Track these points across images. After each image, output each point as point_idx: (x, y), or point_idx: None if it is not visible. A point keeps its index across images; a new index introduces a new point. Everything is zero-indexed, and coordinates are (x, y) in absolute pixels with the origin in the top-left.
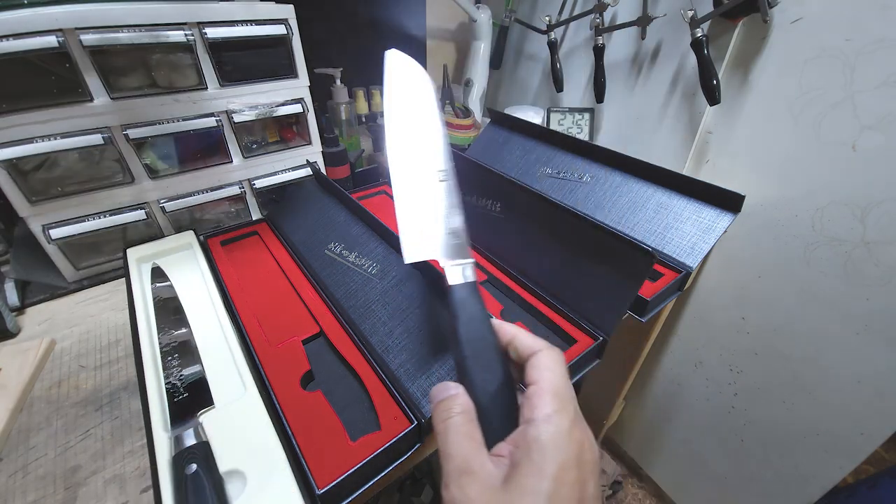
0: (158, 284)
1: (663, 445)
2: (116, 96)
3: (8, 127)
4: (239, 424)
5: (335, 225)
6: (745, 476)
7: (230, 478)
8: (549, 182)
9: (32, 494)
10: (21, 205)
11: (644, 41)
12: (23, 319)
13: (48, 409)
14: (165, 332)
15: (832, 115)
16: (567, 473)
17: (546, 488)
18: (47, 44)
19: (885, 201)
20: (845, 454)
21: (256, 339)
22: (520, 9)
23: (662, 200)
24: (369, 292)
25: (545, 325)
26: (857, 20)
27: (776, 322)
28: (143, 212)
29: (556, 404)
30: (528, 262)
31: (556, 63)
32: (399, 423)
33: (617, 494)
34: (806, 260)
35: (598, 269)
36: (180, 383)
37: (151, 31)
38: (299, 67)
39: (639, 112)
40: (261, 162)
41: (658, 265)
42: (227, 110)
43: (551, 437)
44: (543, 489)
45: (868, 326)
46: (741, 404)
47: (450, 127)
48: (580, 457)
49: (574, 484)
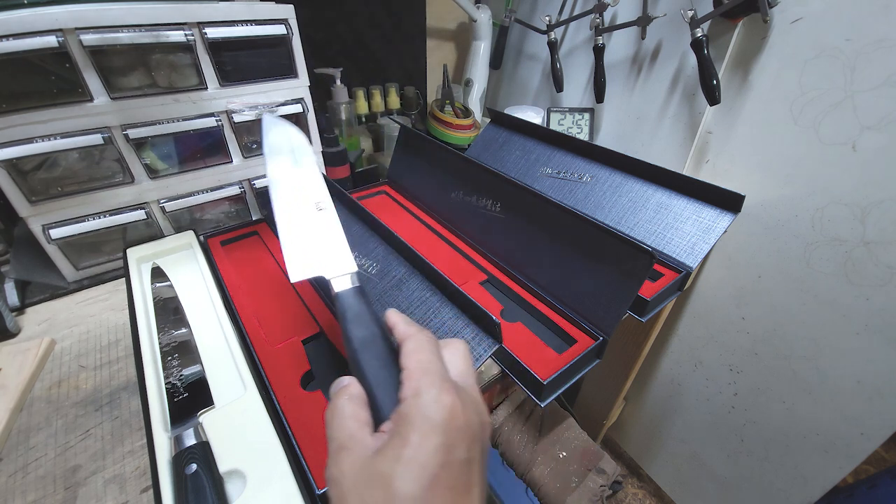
0: (158, 284)
1: (663, 445)
2: (116, 96)
3: (8, 127)
4: (239, 424)
5: None
6: (745, 476)
7: (230, 478)
8: (549, 182)
9: (32, 494)
10: (21, 205)
11: (644, 41)
12: (23, 319)
13: (48, 409)
14: (165, 332)
15: (832, 115)
16: (428, 440)
17: (407, 454)
18: (47, 44)
19: (885, 201)
20: (845, 454)
21: (256, 338)
22: (520, 9)
23: (662, 200)
24: (369, 292)
25: (545, 325)
26: (857, 20)
27: (776, 322)
28: (143, 212)
29: (422, 381)
30: (528, 262)
31: (556, 63)
32: None
33: (617, 494)
34: (806, 260)
35: (598, 269)
36: (180, 383)
37: (151, 31)
38: (299, 67)
39: (639, 112)
40: (261, 162)
41: (658, 265)
42: (227, 110)
43: (416, 409)
44: (404, 455)
45: (868, 326)
46: (741, 404)
47: (450, 127)
48: (448, 424)
49: (438, 448)
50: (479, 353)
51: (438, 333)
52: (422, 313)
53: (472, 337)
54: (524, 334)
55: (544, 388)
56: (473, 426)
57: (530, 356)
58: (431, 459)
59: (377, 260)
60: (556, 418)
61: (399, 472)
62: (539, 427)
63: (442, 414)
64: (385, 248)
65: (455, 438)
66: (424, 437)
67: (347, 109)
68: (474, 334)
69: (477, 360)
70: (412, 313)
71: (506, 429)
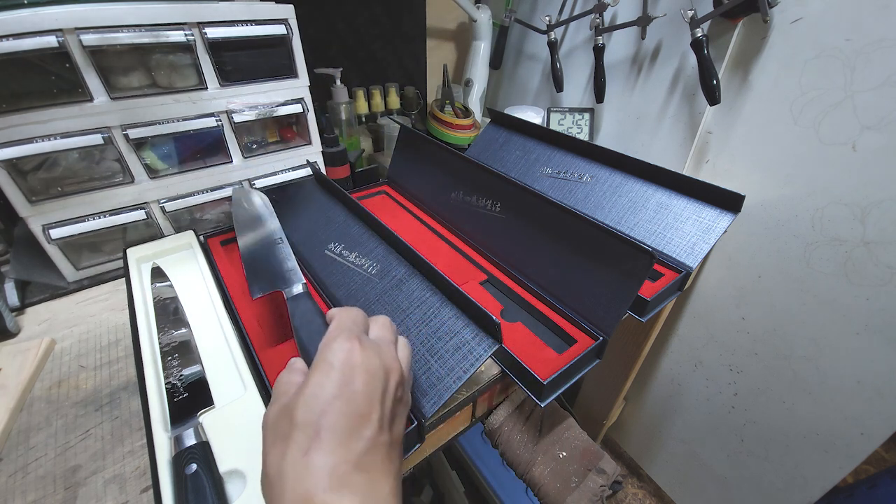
0: (158, 284)
1: (663, 445)
2: (116, 96)
3: (8, 127)
4: (239, 424)
5: (335, 225)
6: (745, 476)
7: (230, 478)
8: (549, 182)
9: (32, 494)
10: (21, 205)
11: (644, 41)
12: (23, 319)
13: (48, 409)
14: (165, 332)
15: (832, 115)
16: (326, 376)
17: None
18: (47, 44)
19: (885, 201)
20: (845, 454)
21: (256, 338)
22: (520, 9)
23: (662, 200)
24: (369, 292)
25: (545, 324)
26: (857, 20)
27: (776, 322)
28: (143, 212)
29: (330, 335)
30: (528, 262)
31: (556, 63)
32: None
33: (617, 494)
34: (806, 260)
35: (598, 269)
36: (180, 383)
37: (151, 31)
38: (299, 67)
39: (639, 112)
40: (261, 162)
41: (658, 265)
42: (227, 110)
43: (320, 355)
44: (305, 390)
45: (868, 326)
46: (741, 404)
47: (450, 127)
48: (345, 363)
49: (334, 382)
50: (479, 353)
51: (438, 333)
52: (422, 313)
53: (472, 337)
54: (524, 334)
55: (544, 388)
56: (372, 366)
57: (530, 356)
58: (324, 391)
59: (377, 260)
60: (556, 418)
61: (299, 404)
62: (539, 427)
63: (339, 356)
64: (385, 248)
65: (351, 374)
66: (323, 374)
67: (347, 109)
68: (474, 334)
69: (477, 361)
70: (412, 313)
71: (506, 429)
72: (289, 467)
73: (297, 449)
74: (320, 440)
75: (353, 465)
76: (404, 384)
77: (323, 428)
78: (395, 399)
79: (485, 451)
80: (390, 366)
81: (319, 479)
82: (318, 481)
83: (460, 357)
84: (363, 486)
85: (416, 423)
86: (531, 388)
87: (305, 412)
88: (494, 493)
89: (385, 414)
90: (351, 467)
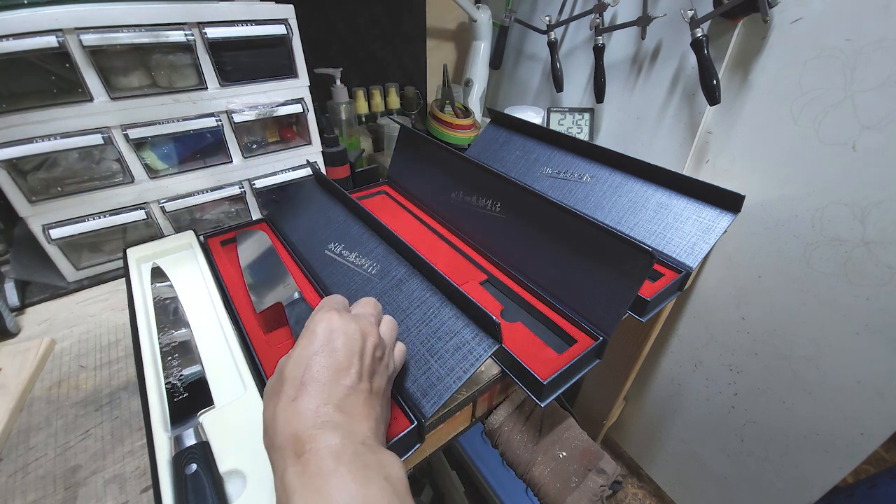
0: (158, 284)
1: (663, 445)
2: (116, 96)
3: (8, 127)
4: (239, 424)
5: (335, 225)
6: (745, 476)
7: (230, 478)
8: (549, 182)
9: (32, 494)
10: (21, 205)
11: (644, 41)
12: (23, 319)
13: (48, 409)
14: (165, 332)
15: (832, 115)
16: (309, 341)
17: (293, 353)
18: (47, 44)
19: (885, 201)
20: (845, 454)
21: (256, 338)
22: (520, 9)
23: (662, 200)
24: (369, 292)
25: (545, 324)
26: (857, 20)
27: (776, 322)
28: (143, 212)
29: (315, 311)
30: (528, 262)
31: (556, 63)
32: (399, 423)
33: (617, 494)
34: (806, 260)
35: (598, 269)
36: (180, 383)
37: (151, 31)
38: (299, 67)
39: (639, 112)
40: (261, 162)
41: (658, 265)
42: (227, 110)
43: (306, 326)
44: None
45: (868, 326)
46: (741, 404)
47: (450, 127)
48: (326, 328)
49: (317, 345)
50: (479, 354)
51: (438, 333)
52: (422, 313)
53: (472, 337)
54: (524, 334)
55: (544, 388)
56: (349, 328)
57: (530, 356)
58: (307, 351)
59: (377, 260)
60: (556, 418)
61: (288, 364)
62: (539, 427)
63: (321, 325)
64: (385, 248)
65: (330, 335)
66: (306, 339)
67: (347, 109)
68: (474, 334)
69: (477, 361)
70: (412, 313)
71: (506, 429)
72: (280, 413)
73: (286, 398)
74: (305, 388)
75: (335, 407)
76: (384, 348)
77: (308, 379)
78: (373, 357)
79: (485, 451)
80: (367, 330)
81: (306, 418)
82: (304, 420)
83: (460, 357)
84: (343, 423)
85: (416, 423)
86: (531, 388)
87: (293, 368)
88: (494, 493)
89: (364, 368)
90: (332, 409)
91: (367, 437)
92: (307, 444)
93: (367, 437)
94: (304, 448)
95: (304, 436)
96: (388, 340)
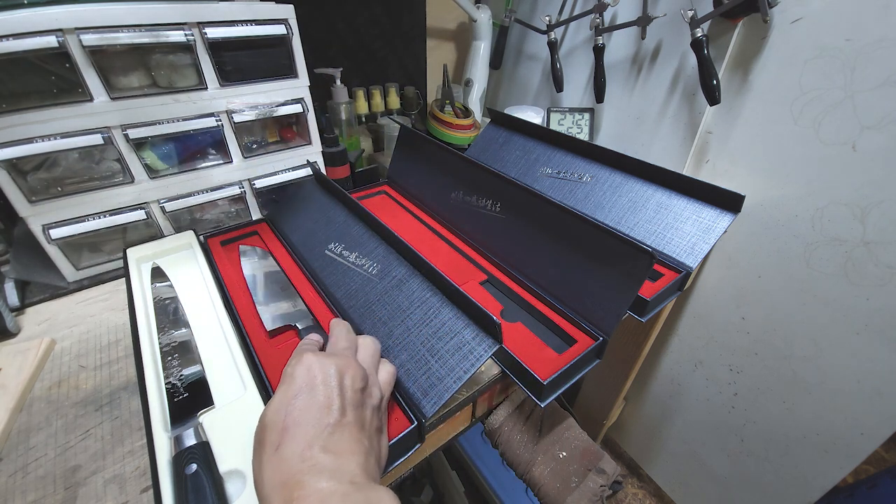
0: (158, 284)
1: (663, 445)
2: (116, 96)
3: (8, 127)
4: (239, 424)
5: (335, 225)
6: (745, 476)
7: (230, 478)
8: (549, 182)
9: (32, 494)
10: (21, 205)
11: (644, 41)
12: (23, 319)
13: (48, 409)
14: (165, 332)
15: (832, 115)
16: (288, 385)
17: (273, 398)
18: (47, 44)
19: (885, 201)
20: (845, 454)
21: (256, 338)
22: (520, 9)
23: (662, 200)
24: (369, 292)
25: (545, 325)
26: (857, 20)
27: (776, 322)
28: (143, 212)
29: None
30: (528, 262)
31: (556, 63)
32: (399, 423)
33: (617, 494)
34: (806, 260)
35: (598, 269)
36: (180, 383)
37: (151, 31)
38: (299, 67)
39: (639, 112)
40: (261, 162)
41: (658, 265)
42: (227, 110)
43: (286, 371)
44: (272, 400)
45: (868, 326)
46: (741, 404)
47: (450, 127)
48: (305, 372)
49: (295, 386)
50: (479, 354)
51: (439, 334)
52: (422, 313)
53: (472, 337)
54: (524, 334)
55: (544, 388)
56: (325, 365)
57: (530, 356)
58: (286, 395)
59: (377, 260)
60: (556, 418)
61: (268, 412)
62: (539, 427)
63: (298, 368)
64: (385, 248)
65: (307, 375)
66: (286, 385)
67: (347, 109)
68: (474, 334)
69: (477, 361)
70: (412, 313)
71: (506, 429)
72: (266, 464)
73: (270, 447)
74: (288, 433)
75: (321, 448)
76: (365, 378)
77: (289, 423)
78: (354, 390)
79: (485, 451)
80: (344, 364)
81: (291, 464)
82: (290, 466)
83: (460, 357)
84: (330, 464)
85: (416, 423)
86: (531, 389)
87: (273, 415)
88: (494, 493)
89: (346, 403)
90: (318, 450)
91: (356, 474)
92: (294, 491)
93: (356, 475)
94: (291, 496)
95: (291, 483)
96: (370, 367)
